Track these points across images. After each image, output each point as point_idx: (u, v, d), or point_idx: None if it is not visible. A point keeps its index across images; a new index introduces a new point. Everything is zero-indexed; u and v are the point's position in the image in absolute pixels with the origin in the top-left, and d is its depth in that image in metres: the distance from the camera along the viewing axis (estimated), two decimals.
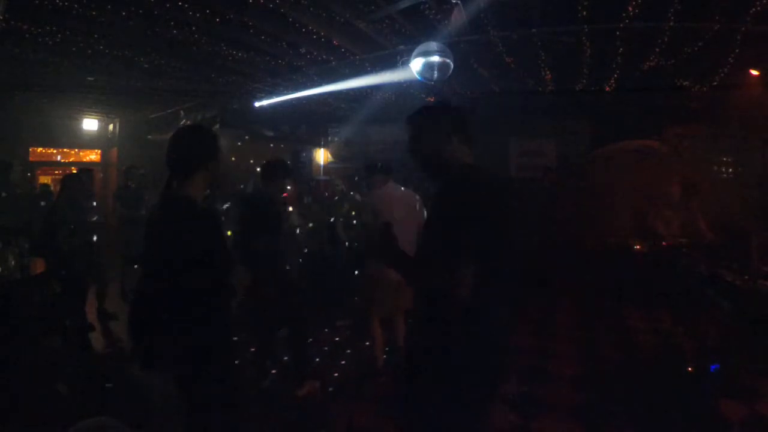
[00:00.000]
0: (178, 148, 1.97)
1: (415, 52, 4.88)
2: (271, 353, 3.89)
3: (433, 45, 4.82)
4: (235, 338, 4.02)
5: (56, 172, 10.53)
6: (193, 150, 1.97)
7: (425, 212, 3.45)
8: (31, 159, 10.34)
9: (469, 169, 1.70)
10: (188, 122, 9.25)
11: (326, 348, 4.59)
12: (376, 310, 3.82)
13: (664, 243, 5.67)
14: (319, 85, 7.10)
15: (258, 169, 5.69)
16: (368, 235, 3.76)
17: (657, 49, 5.02)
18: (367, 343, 4.09)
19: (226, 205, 6.08)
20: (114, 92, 7.82)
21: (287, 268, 3.65)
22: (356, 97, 8.13)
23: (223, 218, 5.59)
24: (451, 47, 4.90)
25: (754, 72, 5.74)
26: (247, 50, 5.63)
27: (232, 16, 4.54)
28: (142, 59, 5.80)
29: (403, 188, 3.95)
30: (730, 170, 7.45)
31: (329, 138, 11.29)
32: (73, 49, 5.34)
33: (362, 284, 4.17)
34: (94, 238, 5.10)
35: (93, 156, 11.46)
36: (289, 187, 5.55)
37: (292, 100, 7.84)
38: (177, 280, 1.79)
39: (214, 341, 1.91)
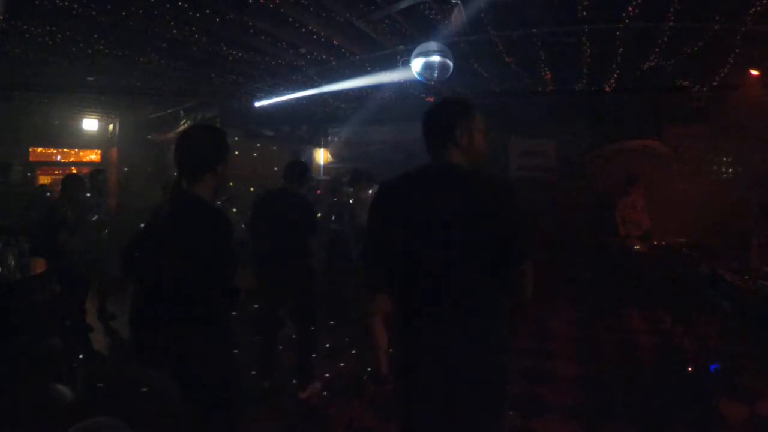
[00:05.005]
0: (189, 148, 1.96)
1: (415, 52, 4.87)
2: (273, 354, 3.89)
3: (433, 45, 4.81)
4: (237, 338, 4.02)
5: (56, 172, 10.52)
6: (205, 150, 1.96)
7: None
8: (31, 159, 10.34)
9: None
10: (188, 122, 9.26)
11: (328, 349, 4.60)
12: (371, 312, 3.79)
13: (664, 243, 5.69)
14: (319, 85, 7.09)
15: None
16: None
17: (657, 49, 5.02)
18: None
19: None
20: (114, 92, 7.82)
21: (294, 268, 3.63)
22: (356, 97, 8.12)
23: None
24: (451, 47, 4.90)
25: (754, 72, 5.74)
26: (247, 50, 5.62)
27: (232, 16, 4.53)
28: (142, 59, 5.79)
29: None
30: (730, 170, 7.44)
31: (329, 138, 11.29)
32: (73, 49, 5.33)
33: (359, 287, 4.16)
34: (95, 238, 5.11)
35: (93, 156, 11.46)
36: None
37: (292, 100, 7.84)
38: (185, 278, 1.80)
39: (218, 340, 1.91)
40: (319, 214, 5.98)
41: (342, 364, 4.24)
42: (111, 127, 11.34)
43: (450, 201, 1.58)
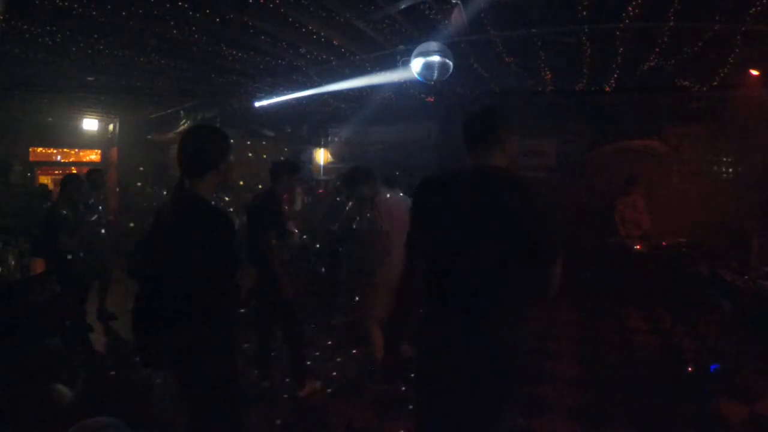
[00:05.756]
0: (192, 148, 1.97)
1: (415, 52, 4.87)
2: (272, 353, 3.89)
3: (433, 45, 4.81)
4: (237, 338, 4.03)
5: (56, 172, 10.54)
6: (207, 150, 1.98)
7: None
8: (31, 159, 10.36)
9: None
10: (188, 122, 9.27)
11: (327, 348, 4.60)
12: (375, 314, 3.79)
13: (664, 243, 5.70)
14: (319, 85, 7.10)
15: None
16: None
17: (657, 49, 5.02)
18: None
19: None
20: (114, 92, 7.82)
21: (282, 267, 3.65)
22: (356, 97, 8.12)
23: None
24: (451, 47, 4.90)
25: (754, 72, 5.74)
26: (247, 50, 5.62)
27: (232, 16, 4.53)
28: (142, 59, 5.79)
29: (400, 194, 3.89)
30: (730, 170, 7.44)
31: (329, 138, 11.29)
32: (73, 49, 5.34)
33: (360, 288, 4.15)
34: (95, 238, 5.10)
35: (93, 156, 11.48)
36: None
37: (292, 100, 7.84)
38: (186, 278, 1.80)
39: (219, 340, 1.91)
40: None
41: (342, 364, 4.24)
42: (111, 127, 11.35)
43: (496, 201, 1.68)
